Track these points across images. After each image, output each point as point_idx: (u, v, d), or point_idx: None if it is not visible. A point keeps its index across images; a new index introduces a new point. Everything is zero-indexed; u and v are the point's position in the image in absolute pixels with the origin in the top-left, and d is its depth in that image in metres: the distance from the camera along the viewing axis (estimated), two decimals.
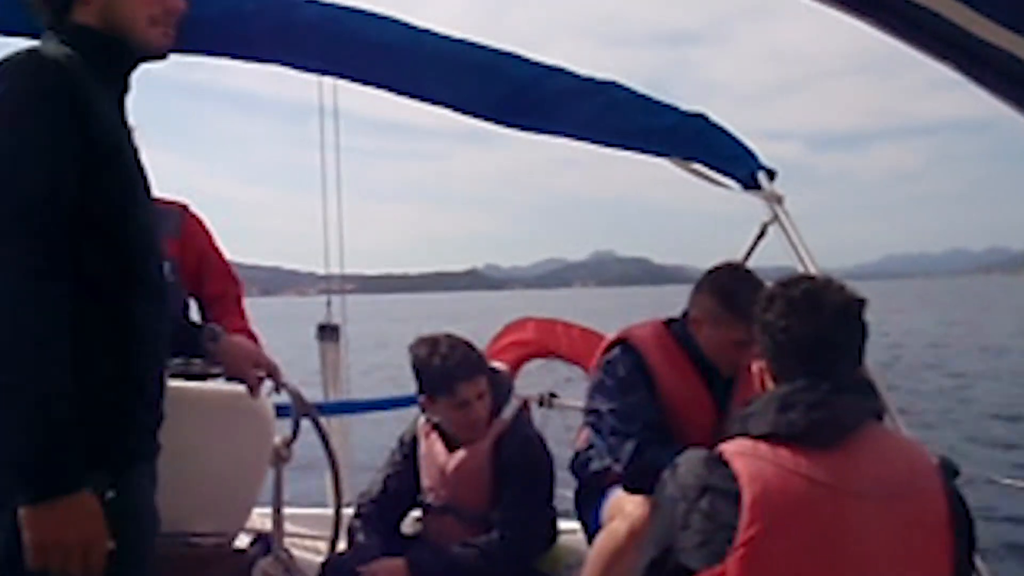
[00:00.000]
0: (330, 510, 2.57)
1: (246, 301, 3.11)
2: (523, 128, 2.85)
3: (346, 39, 2.50)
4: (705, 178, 3.12)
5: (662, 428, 2.46)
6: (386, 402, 4.41)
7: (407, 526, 2.85)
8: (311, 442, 2.44)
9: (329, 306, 4.48)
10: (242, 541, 2.55)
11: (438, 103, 2.69)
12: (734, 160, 3.09)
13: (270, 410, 2.35)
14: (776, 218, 2.99)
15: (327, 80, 3.13)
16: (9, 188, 1.40)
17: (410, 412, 2.99)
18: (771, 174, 3.07)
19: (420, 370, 2.62)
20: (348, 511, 2.71)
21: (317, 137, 4.28)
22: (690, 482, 1.59)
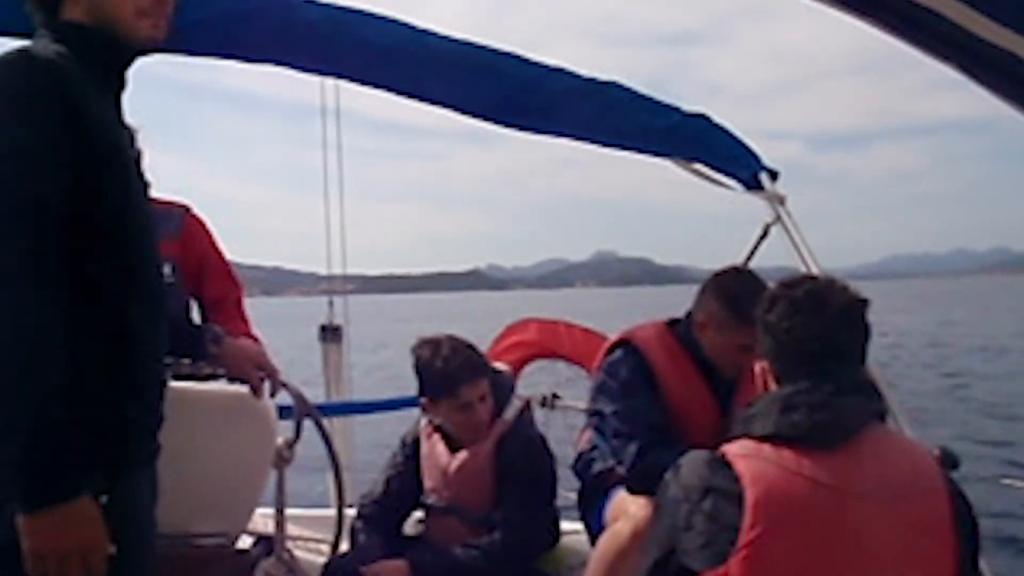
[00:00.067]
0: (332, 511, 2.57)
1: (247, 302, 3.10)
2: (524, 128, 2.85)
3: (346, 40, 2.49)
4: (707, 179, 3.11)
5: (665, 429, 2.46)
6: (388, 403, 4.40)
7: (409, 527, 2.85)
8: (313, 443, 2.44)
9: (331, 307, 4.48)
10: (244, 542, 2.55)
11: (438, 103, 2.69)
12: (736, 160, 3.09)
13: (272, 411, 2.35)
14: (779, 219, 2.99)
15: (328, 80, 3.13)
16: (1, 191, 1.37)
17: (412, 413, 2.99)
18: (773, 175, 3.07)
19: (422, 372, 2.62)
20: (350, 512, 2.71)
21: (318, 137, 4.27)
22: (693, 483, 1.59)
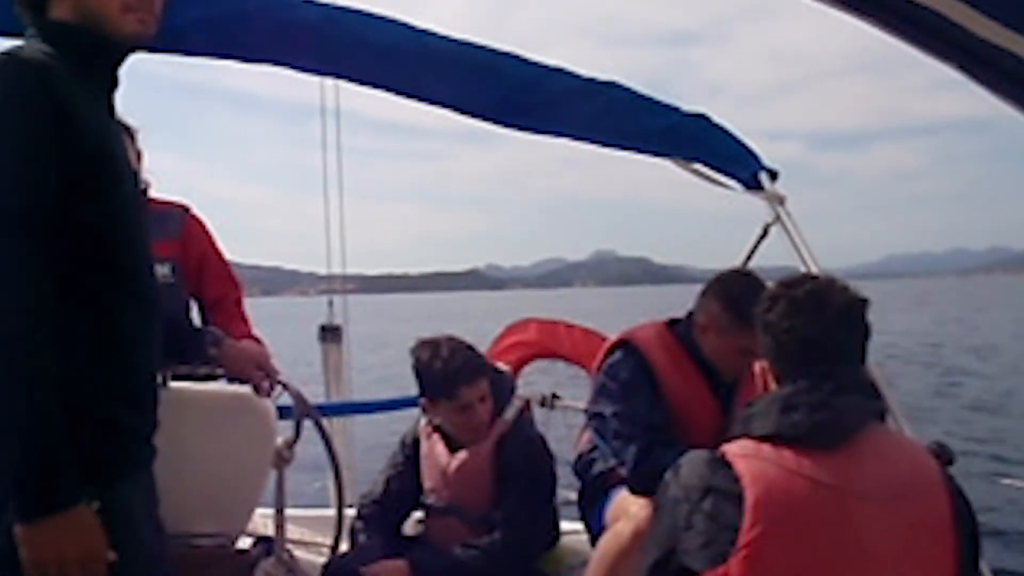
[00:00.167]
0: (332, 511, 2.57)
1: (247, 301, 3.10)
2: (523, 128, 2.85)
3: (346, 40, 2.50)
4: (707, 179, 3.12)
5: (667, 430, 2.46)
6: (388, 403, 4.40)
7: (409, 527, 2.85)
8: (314, 443, 2.44)
9: (331, 306, 4.48)
10: (244, 542, 2.55)
11: (438, 103, 2.69)
12: (736, 161, 3.09)
13: (272, 411, 2.35)
14: (778, 218, 2.99)
15: (328, 80, 3.13)
16: None
17: (412, 413, 2.99)
18: (773, 175, 3.07)
19: (422, 373, 2.62)
20: (350, 512, 2.71)
21: (317, 137, 4.26)
22: (693, 483, 1.59)
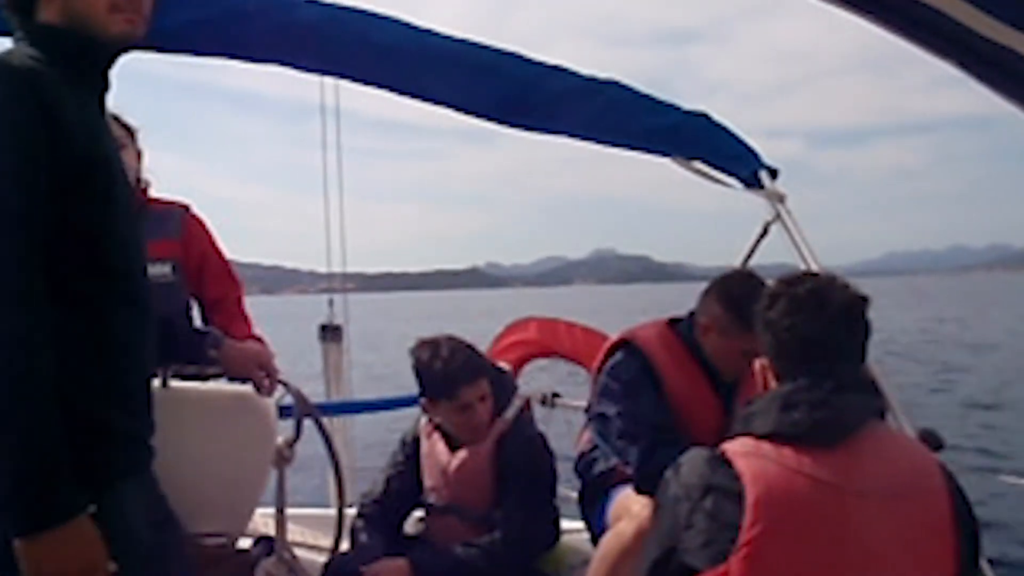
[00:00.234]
0: (333, 511, 2.56)
1: (247, 300, 3.10)
2: (524, 128, 2.85)
3: (347, 39, 2.49)
4: (707, 177, 3.11)
5: (670, 429, 2.45)
6: (388, 402, 4.40)
7: (410, 526, 2.85)
8: (314, 442, 2.44)
9: (331, 306, 4.48)
10: (244, 542, 2.55)
11: (439, 103, 2.69)
12: (736, 159, 3.09)
13: (273, 411, 2.35)
14: (779, 217, 2.99)
15: (328, 80, 3.13)
16: None
17: (412, 412, 2.99)
18: (773, 173, 3.07)
19: (422, 373, 2.62)
20: (351, 512, 2.71)
21: (317, 137, 4.27)
22: (693, 482, 1.58)
